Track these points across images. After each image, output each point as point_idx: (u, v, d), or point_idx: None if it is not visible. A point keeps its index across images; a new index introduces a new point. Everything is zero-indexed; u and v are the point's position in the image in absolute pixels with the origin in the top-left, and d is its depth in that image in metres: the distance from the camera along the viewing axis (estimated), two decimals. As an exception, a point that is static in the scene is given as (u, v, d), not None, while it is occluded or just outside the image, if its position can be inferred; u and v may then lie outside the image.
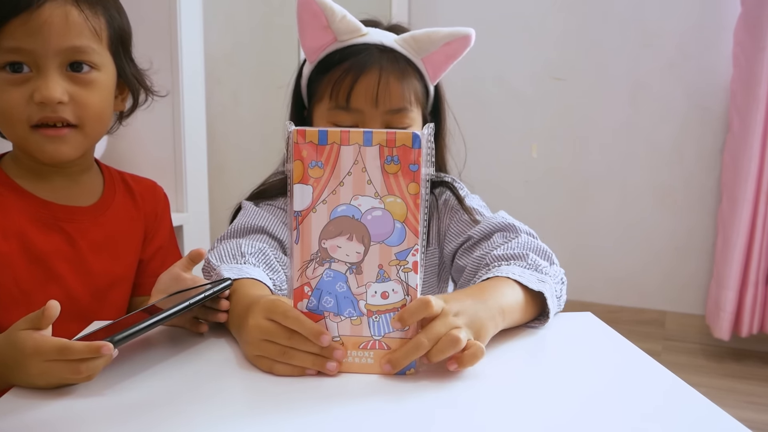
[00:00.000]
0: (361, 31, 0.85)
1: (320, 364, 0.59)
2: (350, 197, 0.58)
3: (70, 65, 0.78)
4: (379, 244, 0.58)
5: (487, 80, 2.63)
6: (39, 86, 0.76)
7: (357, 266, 0.59)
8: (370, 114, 0.83)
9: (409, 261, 0.58)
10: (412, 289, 0.59)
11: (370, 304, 0.59)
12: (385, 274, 0.58)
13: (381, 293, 0.59)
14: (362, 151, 0.57)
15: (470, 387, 0.58)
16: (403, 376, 0.59)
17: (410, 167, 0.57)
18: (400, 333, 0.59)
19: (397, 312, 0.59)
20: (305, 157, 0.58)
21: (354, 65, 0.83)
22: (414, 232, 0.58)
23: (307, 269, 0.59)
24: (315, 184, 0.58)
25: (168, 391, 0.56)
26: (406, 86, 0.84)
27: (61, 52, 0.77)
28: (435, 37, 0.84)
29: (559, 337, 0.72)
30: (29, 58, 0.76)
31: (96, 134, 0.84)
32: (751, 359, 2.31)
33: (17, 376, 0.56)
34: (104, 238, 0.88)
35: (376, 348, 0.60)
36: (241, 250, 0.80)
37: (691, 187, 2.47)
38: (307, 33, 0.85)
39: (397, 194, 0.57)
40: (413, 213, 0.58)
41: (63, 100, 0.77)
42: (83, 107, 0.79)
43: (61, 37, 0.76)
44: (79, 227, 0.85)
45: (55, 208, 0.84)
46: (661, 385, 0.58)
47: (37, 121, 0.77)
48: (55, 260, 0.83)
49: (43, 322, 0.56)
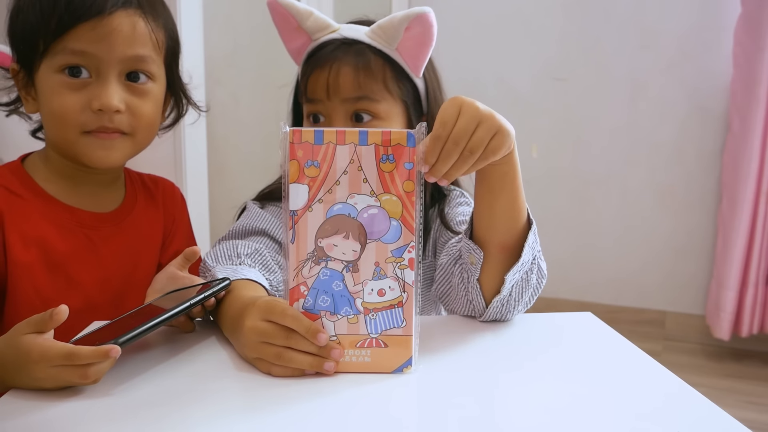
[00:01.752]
0: (331, 28, 0.86)
1: (318, 364, 0.59)
2: (346, 196, 0.58)
3: (127, 75, 0.79)
4: (375, 241, 0.59)
5: (487, 80, 2.63)
6: (99, 93, 0.76)
7: (353, 264, 0.59)
8: (327, 104, 0.84)
9: (405, 258, 0.59)
10: (409, 285, 0.59)
11: (366, 302, 0.59)
12: (381, 271, 0.59)
13: (378, 291, 0.59)
14: (358, 150, 0.58)
15: (469, 386, 0.58)
16: (401, 374, 0.59)
17: (405, 165, 0.58)
18: (398, 330, 0.59)
19: (394, 304, 0.59)
20: (301, 157, 0.58)
21: (315, 59, 0.85)
22: (410, 229, 0.58)
23: (303, 269, 0.59)
24: (311, 183, 0.58)
25: (167, 391, 0.56)
26: (365, 75, 0.83)
27: (124, 60, 0.77)
28: (395, 21, 0.83)
29: (559, 337, 0.72)
30: (92, 63, 0.76)
31: (144, 143, 0.84)
32: (752, 359, 2.31)
33: (20, 379, 0.55)
34: (126, 244, 0.86)
35: (373, 346, 0.60)
36: (237, 251, 0.81)
37: (691, 187, 2.47)
38: (284, 36, 0.88)
39: (393, 192, 0.58)
40: (409, 210, 0.58)
41: (120, 108, 0.77)
42: (137, 117, 0.79)
43: (128, 45, 0.77)
44: (101, 234, 0.84)
45: (81, 215, 0.82)
46: (662, 385, 0.58)
47: (92, 129, 0.77)
48: (76, 267, 0.81)
49: (48, 326, 0.55)
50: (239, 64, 2.25)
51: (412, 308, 0.60)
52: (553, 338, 0.71)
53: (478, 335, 0.71)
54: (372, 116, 0.84)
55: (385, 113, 0.85)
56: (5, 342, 0.57)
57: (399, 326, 0.59)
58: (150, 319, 0.58)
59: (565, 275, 2.67)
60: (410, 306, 0.60)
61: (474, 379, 0.59)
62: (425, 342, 0.66)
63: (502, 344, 0.68)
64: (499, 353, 0.66)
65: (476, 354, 0.66)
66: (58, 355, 0.53)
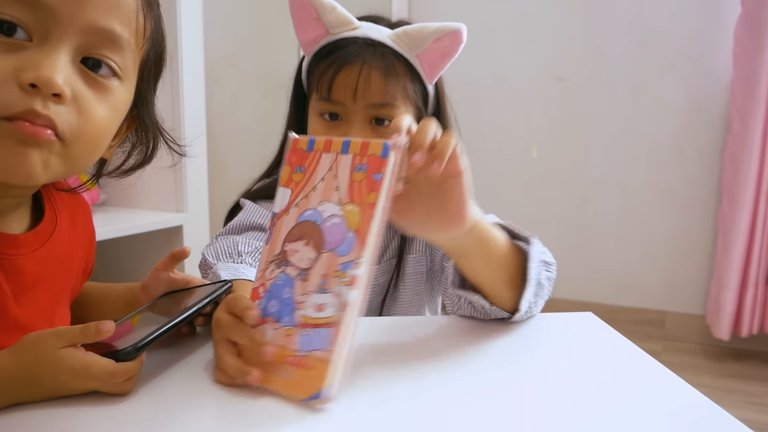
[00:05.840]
0: (352, 24, 0.84)
1: (240, 372, 0.54)
2: (318, 202, 0.56)
3: (84, 59, 0.54)
4: (329, 252, 0.54)
5: (487, 80, 2.63)
6: (37, 62, 0.50)
7: (306, 273, 0.55)
8: (351, 107, 0.83)
9: (348, 274, 0.52)
10: (345, 305, 0.52)
11: (305, 315, 0.54)
12: (326, 284, 0.53)
13: (317, 305, 0.53)
14: (338, 158, 0.56)
15: (469, 386, 0.58)
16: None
17: (374, 176, 0.53)
18: (322, 352, 0.52)
19: (330, 322, 0.52)
20: (293, 163, 0.58)
21: (338, 58, 0.83)
22: (361, 244, 0.52)
23: (267, 270, 0.58)
24: (294, 187, 0.58)
25: (166, 392, 0.56)
26: (391, 82, 0.83)
27: (88, 30, 0.52)
28: (425, 32, 0.83)
29: (560, 337, 0.72)
30: (38, 20, 0.51)
31: (80, 162, 0.57)
32: (752, 359, 2.31)
33: (54, 391, 0.53)
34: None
35: (296, 365, 0.53)
36: (237, 248, 0.80)
37: (691, 187, 2.47)
38: (299, 25, 0.86)
39: (357, 202, 0.54)
40: (366, 223, 0.53)
41: (64, 93, 0.51)
42: (85, 117, 0.54)
43: (101, 11, 0.53)
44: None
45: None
46: (662, 385, 0.58)
47: (13, 113, 0.50)
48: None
49: (90, 340, 0.52)
50: (239, 64, 2.25)
51: (340, 332, 0.51)
52: (553, 338, 0.71)
53: (478, 335, 0.71)
54: (391, 121, 0.83)
55: None
56: (34, 357, 0.52)
57: (323, 349, 0.52)
58: (165, 322, 0.58)
59: (565, 275, 2.66)
60: (340, 329, 0.51)
61: (473, 379, 0.59)
62: (419, 343, 0.65)
63: (502, 344, 0.68)
64: (499, 353, 0.66)
65: (476, 354, 0.66)
66: (102, 372, 0.51)
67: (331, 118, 0.85)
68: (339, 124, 0.85)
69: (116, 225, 1.35)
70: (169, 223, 1.47)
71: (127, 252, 1.54)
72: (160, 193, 1.51)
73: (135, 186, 1.53)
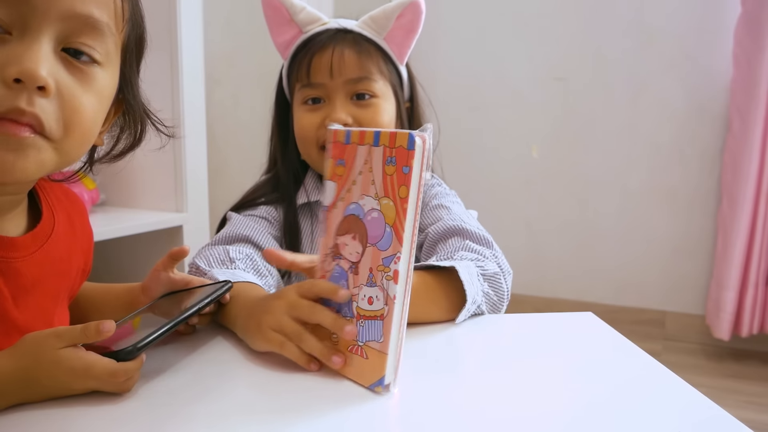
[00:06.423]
0: (322, 20, 0.92)
1: (326, 354, 0.58)
2: (359, 196, 0.58)
3: (64, 47, 0.53)
4: (373, 246, 0.56)
5: (487, 80, 2.63)
6: (19, 55, 0.50)
7: (355, 266, 0.58)
8: (330, 86, 0.89)
9: (391, 269, 0.55)
10: (391, 299, 0.55)
11: (360, 307, 0.57)
12: (373, 278, 0.56)
13: (368, 298, 0.56)
14: (372, 151, 0.57)
15: (469, 386, 0.58)
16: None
17: (403, 169, 0.54)
18: (376, 344, 0.56)
19: (380, 315, 0.56)
20: (335, 156, 0.60)
21: (312, 45, 0.90)
22: (398, 239, 0.54)
23: (325, 261, 0.61)
24: (339, 181, 0.60)
25: (167, 391, 0.56)
26: (364, 57, 0.89)
27: (66, 16, 0.52)
28: (387, 10, 0.89)
29: (560, 337, 0.72)
30: (15, 12, 0.50)
31: (72, 154, 0.57)
32: (752, 359, 2.31)
33: (55, 391, 0.53)
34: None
35: (358, 354, 0.57)
36: (229, 255, 0.81)
37: (691, 187, 2.47)
38: (274, 29, 0.93)
39: (391, 197, 0.55)
40: (400, 218, 0.54)
41: (48, 85, 0.50)
42: (71, 109, 0.53)
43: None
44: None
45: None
46: (662, 385, 0.58)
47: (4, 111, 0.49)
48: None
49: (90, 340, 0.52)
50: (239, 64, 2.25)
51: (391, 324, 0.54)
52: (553, 338, 0.71)
53: (477, 335, 0.71)
54: (371, 95, 0.89)
55: (381, 92, 0.90)
56: (33, 358, 0.52)
57: (377, 340, 0.56)
58: (166, 322, 0.58)
59: (565, 275, 2.67)
60: (389, 322, 0.54)
61: (473, 379, 0.59)
62: (418, 344, 0.65)
63: (502, 344, 0.68)
64: (498, 353, 0.66)
65: (476, 354, 0.66)
66: (103, 372, 0.52)
67: (314, 102, 0.91)
68: (322, 107, 0.90)
69: (116, 225, 1.35)
70: (169, 223, 1.47)
71: (127, 252, 1.54)
72: (160, 193, 1.51)
73: (135, 186, 1.53)
